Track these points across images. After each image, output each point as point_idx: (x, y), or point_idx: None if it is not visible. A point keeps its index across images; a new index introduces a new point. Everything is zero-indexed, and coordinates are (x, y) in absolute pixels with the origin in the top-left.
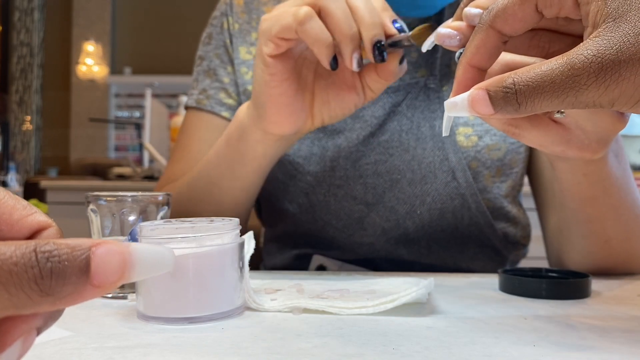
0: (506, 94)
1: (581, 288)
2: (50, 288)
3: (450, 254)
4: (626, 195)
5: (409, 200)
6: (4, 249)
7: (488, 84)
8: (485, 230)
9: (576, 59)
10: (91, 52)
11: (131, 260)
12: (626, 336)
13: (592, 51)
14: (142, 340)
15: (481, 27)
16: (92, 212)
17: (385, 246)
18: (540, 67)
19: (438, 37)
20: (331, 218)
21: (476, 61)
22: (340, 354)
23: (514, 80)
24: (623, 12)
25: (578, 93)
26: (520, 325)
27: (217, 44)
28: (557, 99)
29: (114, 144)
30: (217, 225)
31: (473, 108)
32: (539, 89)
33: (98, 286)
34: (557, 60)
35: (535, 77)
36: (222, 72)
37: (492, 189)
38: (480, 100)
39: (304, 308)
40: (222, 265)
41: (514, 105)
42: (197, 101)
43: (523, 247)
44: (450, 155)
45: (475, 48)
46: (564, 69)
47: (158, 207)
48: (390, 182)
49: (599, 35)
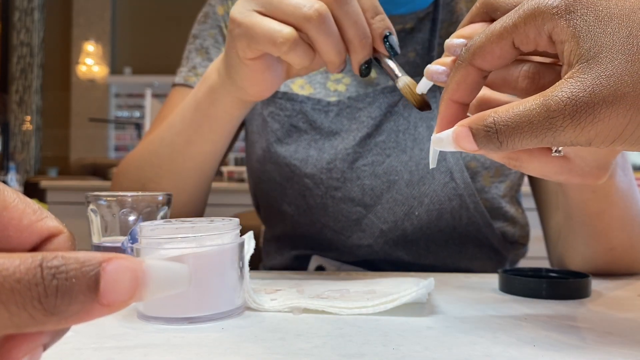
0: (487, 132)
1: (581, 288)
2: (55, 307)
3: (449, 254)
4: (632, 206)
5: (406, 201)
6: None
7: (470, 122)
8: (483, 230)
9: (551, 101)
10: (91, 52)
11: (144, 278)
12: (626, 336)
13: (567, 93)
14: (142, 340)
15: (460, 64)
16: (92, 212)
17: (383, 248)
18: (519, 106)
19: (427, 73)
20: (329, 220)
21: (458, 97)
22: (340, 354)
23: (494, 120)
24: (595, 53)
25: (555, 134)
26: (520, 325)
27: (212, 24)
28: (536, 139)
29: (114, 144)
30: (217, 225)
31: (457, 144)
32: (518, 129)
33: (107, 305)
34: (534, 100)
35: (514, 117)
36: (215, 51)
37: (490, 189)
38: (464, 137)
39: (304, 308)
40: (222, 265)
41: (496, 144)
42: (184, 78)
43: (522, 246)
44: (448, 156)
45: (456, 84)
46: (540, 110)
47: (158, 207)
48: (388, 184)
49: (573, 76)
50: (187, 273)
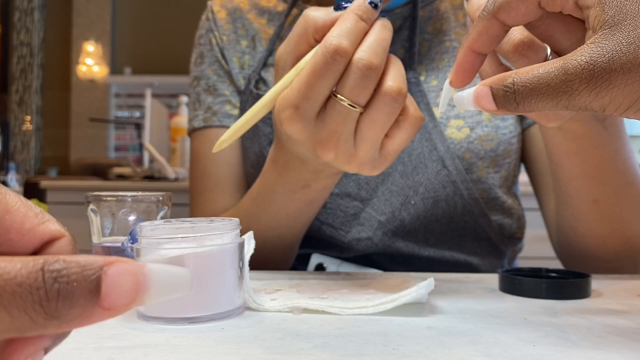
0: (506, 93)
1: (581, 288)
2: (56, 311)
3: (447, 247)
4: (612, 158)
5: (402, 191)
6: (9, 267)
7: (492, 81)
8: (480, 221)
9: (570, 65)
10: (91, 52)
11: (145, 282)
12: (626, 336)
13: (585, 57)
14: (142, 340)
15: (485, 15)
16: (92, 212)
17: (383, 239)
18: (539, 69)
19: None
20: (327, 217)
21: (477, 46)
22: (340, 354)
23: (513, 81)
24: (619, 20)
25: (571, 97)
26: (520, 325)
27: (210, 60)
28: (552, 101)
29: (114, 144)
30: (217, 225)
31: (478, 103)
32: (535, 91)
33: (108, 309)
34: (554, 63)
35: (533, 79)
36: (222, 86)
37: (486, 180)
38: (484, 96)
39: (304, 308)
40: (222, 265)
41: (513, 104)
42: (204, 120)
43: (518, 241)
44: (439, 145)
45: (477, 34)
46: (558, 73)
47: (158, 207)
48: (383, 176)
49: (595, 41)
50: (188, 277)
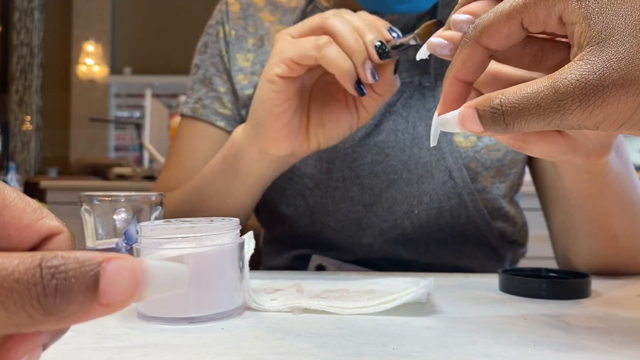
0: (494, 114)
1: (581, 288)
2: (54, 307)
3: (448, 253)
4: (629, 190)
5: (406, 200)
6: (6, 263)
7: (477, 103)
8: (482, 229)
9: (560, 83)
10: (91, 52)
11: (144, 278)
12: (626, 336)
13: (576, 75)
14: (142, 340)
15: (467, 42)
16: (85, 212)
17: (383, 246)
18: (527, 88)
19: (429, 46)
20: (329, 220)
21: (462, 75)
22: (340, 354)
23: (500, 101)
24: (606, 36)
25: (563, 117)
26: (520, 325)
27: (212, 52)
28: (543, 121)
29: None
30: (217, 225)
31: (463, 125)
32: (525, 111)
33: (106, 305)
34: (543, 82)
35: (522, 99)
36: (218, 81)
37: (491, 189)
38: (469, 118)
39: (304, 308)
40: (222, 265)
41: (502, 126)
42: (192, 110)
43: (521, 246)
44: (447, 155)
45: (461, 62)
46: (548, 93)
47: (152, 207)
48: (387, 183)
49: (583, 58)
50: (187, 273)
